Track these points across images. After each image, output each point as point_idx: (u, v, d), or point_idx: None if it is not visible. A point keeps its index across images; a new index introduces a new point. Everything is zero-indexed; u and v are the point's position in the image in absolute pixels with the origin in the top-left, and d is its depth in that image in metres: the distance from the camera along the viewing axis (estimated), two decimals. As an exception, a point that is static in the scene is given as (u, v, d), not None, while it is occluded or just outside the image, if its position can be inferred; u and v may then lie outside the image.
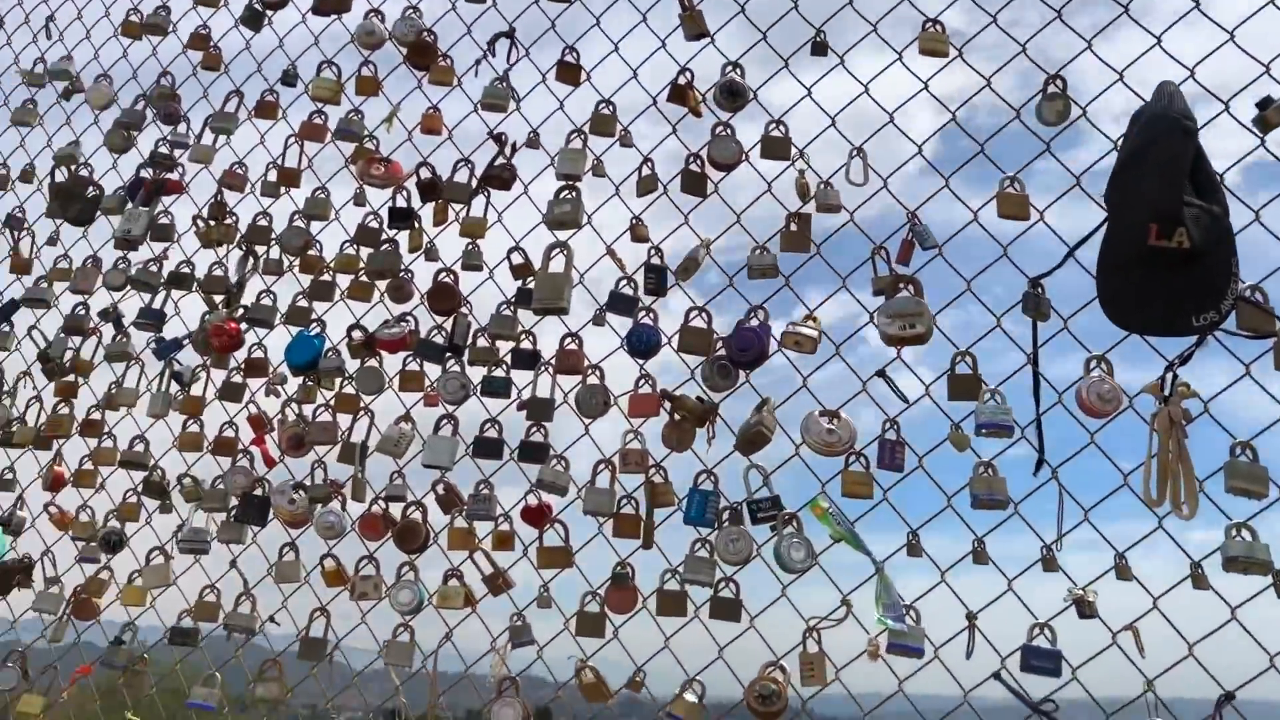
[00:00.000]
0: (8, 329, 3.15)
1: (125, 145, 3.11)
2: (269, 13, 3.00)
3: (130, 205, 3.00)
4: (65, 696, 2.86)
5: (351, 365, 2.62)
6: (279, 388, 2.70)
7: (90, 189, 3.11)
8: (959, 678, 1.92)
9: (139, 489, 2.84)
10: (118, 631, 2.76)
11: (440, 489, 2.45)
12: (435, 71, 2.69)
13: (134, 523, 2.83)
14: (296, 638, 2.56)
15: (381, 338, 2.53)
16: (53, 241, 3.16)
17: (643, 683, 2.20)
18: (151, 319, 2.88)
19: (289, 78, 2.90)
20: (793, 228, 2.24)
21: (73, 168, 3.15)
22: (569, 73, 2.55)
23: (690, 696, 2.12)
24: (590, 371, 2.35)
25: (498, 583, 2.36)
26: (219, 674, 2.62)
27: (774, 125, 2.31)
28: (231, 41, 3.05)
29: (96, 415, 2.94)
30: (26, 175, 3.29)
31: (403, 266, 2.61)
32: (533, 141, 2.53)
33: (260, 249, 2.81)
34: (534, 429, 2.38)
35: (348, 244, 2.70)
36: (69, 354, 3.01)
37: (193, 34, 3.09)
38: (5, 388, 3.11)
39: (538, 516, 2.35)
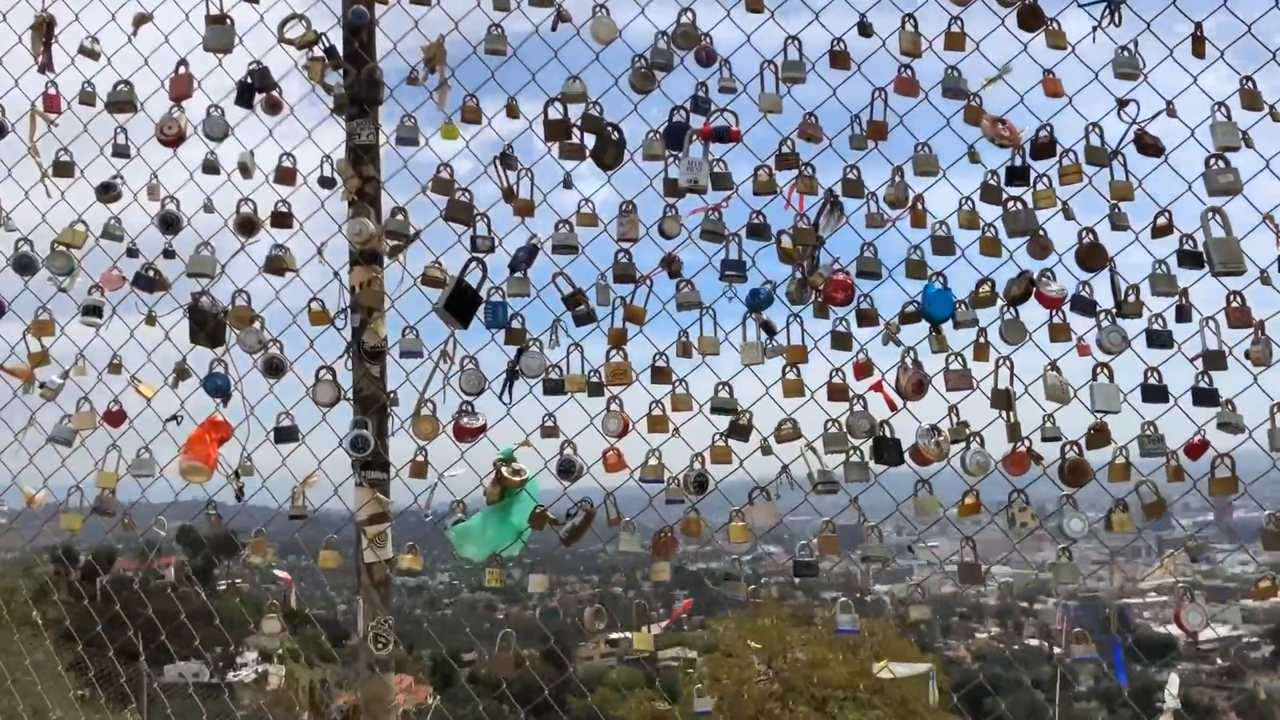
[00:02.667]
0: (521, 275, 3.10)
1: (647, 86, 3.05)
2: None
3: (676, 153, 2.99)
4: (661, 629, 3.03)
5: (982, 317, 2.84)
6: (896, 336, 2.88)
7: (613, 130, 3.05)
8: None
9: (724, 433, 2.96)
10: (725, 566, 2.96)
11: (1093, 430, 2.77)
12: (1049, 35, 2.82)
13: (724, 465, 2.97)
14: (938, 565, 2.86)
15: (1048, 294, 2.75)
16: (568, 184, 3.09)
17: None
18: (735, 270, 2.94)
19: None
20: None
21: (584, 108, 3.06)
22: (1199, 45, 2.76)
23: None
24: (1259, 327, 2.68)
25: (1161, 511, 2.73)
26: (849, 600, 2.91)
27: None
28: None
29: (661, 362, 3.01)
30: (512, 110, 3.14)
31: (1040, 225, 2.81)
32: (1171, 111, 2.75)
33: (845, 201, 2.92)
34: (1202, 376, 2.71)
35: (964, 200, 2.85)
36: (615, 300, 3.03)
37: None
38: (530, 335, 3.08)
39: (1200, 450, 2.72)
